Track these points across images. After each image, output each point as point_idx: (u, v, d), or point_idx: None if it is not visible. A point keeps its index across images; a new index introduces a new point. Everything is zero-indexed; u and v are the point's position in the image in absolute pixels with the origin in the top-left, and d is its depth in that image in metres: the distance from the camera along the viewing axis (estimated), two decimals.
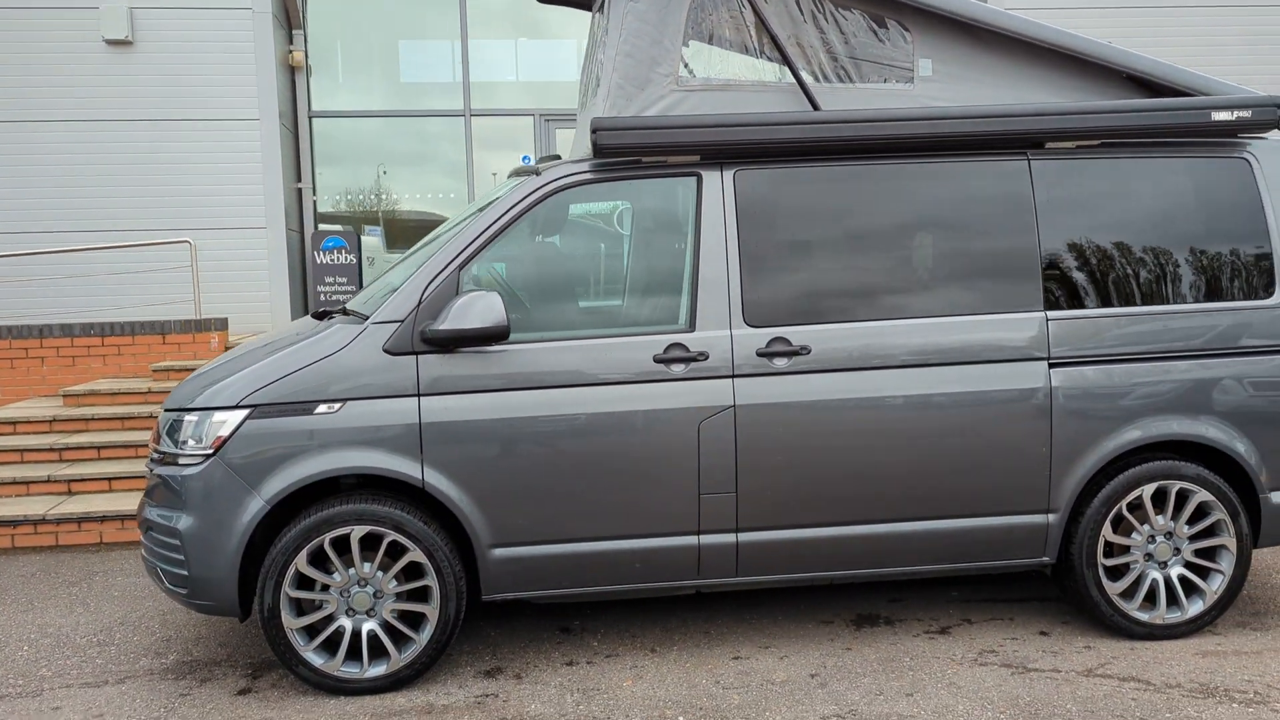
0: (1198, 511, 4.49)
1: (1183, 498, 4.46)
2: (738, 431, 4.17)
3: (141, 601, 5.35)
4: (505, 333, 3.96)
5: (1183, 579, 4.51)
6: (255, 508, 3.97)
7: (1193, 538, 4.50)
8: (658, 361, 4.15)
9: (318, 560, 4.05)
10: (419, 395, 4.04)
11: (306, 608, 4.08)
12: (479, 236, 4.15)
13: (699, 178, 4.28)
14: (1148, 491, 4.41)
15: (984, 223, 4.38)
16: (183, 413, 4.13)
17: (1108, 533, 4.42)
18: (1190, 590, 4.52)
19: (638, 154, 4.18)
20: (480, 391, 4.07)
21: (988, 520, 4.35)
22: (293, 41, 11.55)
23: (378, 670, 4.08)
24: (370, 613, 4.09)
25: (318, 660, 4.05)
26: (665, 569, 4.23)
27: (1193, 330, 4.42)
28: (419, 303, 4.07)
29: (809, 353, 4.22)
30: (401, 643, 4.13)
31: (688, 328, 4.20)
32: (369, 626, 4.09)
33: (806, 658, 4.36)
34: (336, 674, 4.05)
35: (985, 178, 4.40)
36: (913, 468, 4.27)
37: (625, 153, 4.16)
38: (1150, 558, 4.49)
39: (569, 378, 4.12)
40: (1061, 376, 4.33)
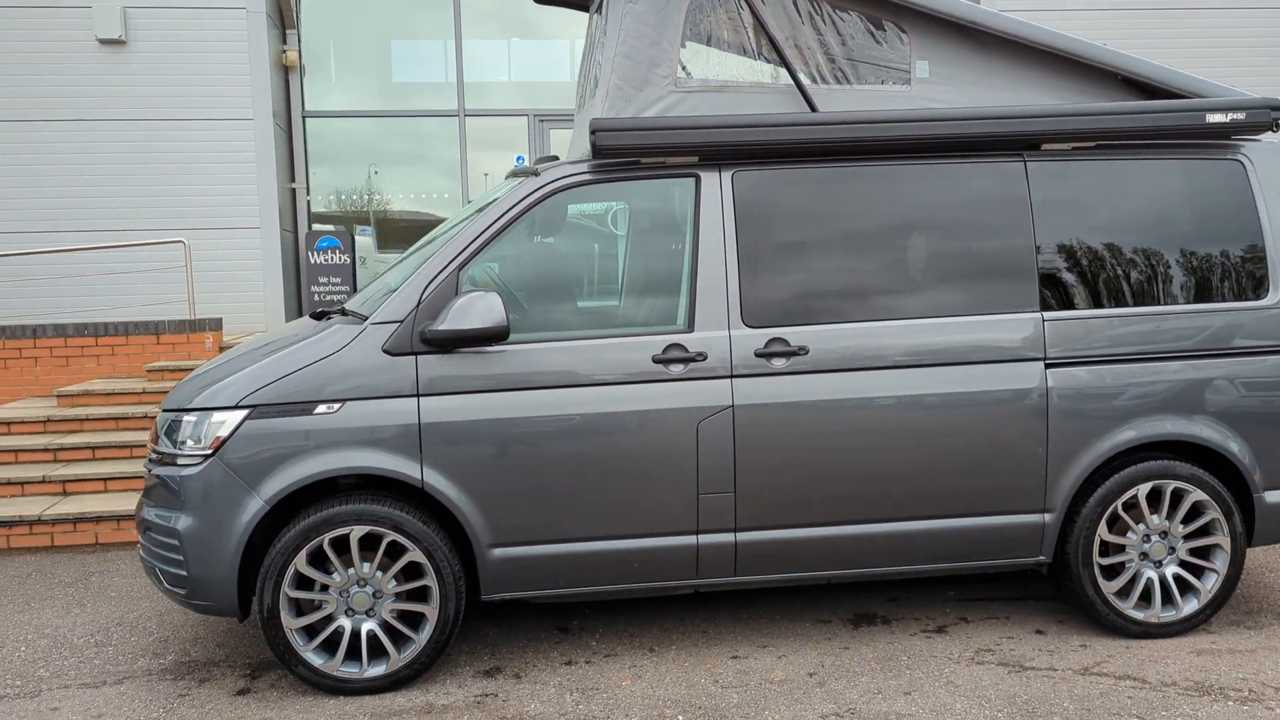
0: (1192, 511, 4.52)
1: (1177, 497, 4.49)
2: (736, 432, 4.18)
3: (138, 602, 5.34)
4: (505, 333, 3.96)
5: (1177, 578, 4.54)
6: (254, 508, 3.97)
7: (1187, 537, 4.53)
8: (656, 362, 4.16)
9: (317, 560, 4.05)
10: (418, 395, 4.05)
11: (306, 608, 4.09)
12: (478, 237, 4.16)
13: (697, 178, 4.29)
14: (1143, 491, 4.44)
15: (980, 224, 4.40)
16: (181, 413, 4.12)
17: (1103, 532, 4.44)
18: (1185, 589, 4.55)
19: (636, 155, 4.19)
20: (480, 392, 4.08)
21: (985, 520, 4.37)
22: (286, 41, 11.54)
23: (377, 670, 4.08)
24: (369, 613, 4.09)
25: (317, 660, 4.05)
26: (664, 568, 4.25)
27: (1187, 331, 4.45)
28: (418, 303, 4.07)
29: (807, 353, 4.23)
30: (401, 643, 4.13)
31: (686, 328, 4.21)
32: (368, 626, 4.09)
33: (804, 657, 4.38)
34: (336, 674, 4.05)
35: (982, 179, 4.43)
36: (910, 468, 4.29)
37: (624, 153, 4.17)
38: (1145, 557, 4.51)
39: (568, 378, 4.12)
40: (1057, 377, 4.36)
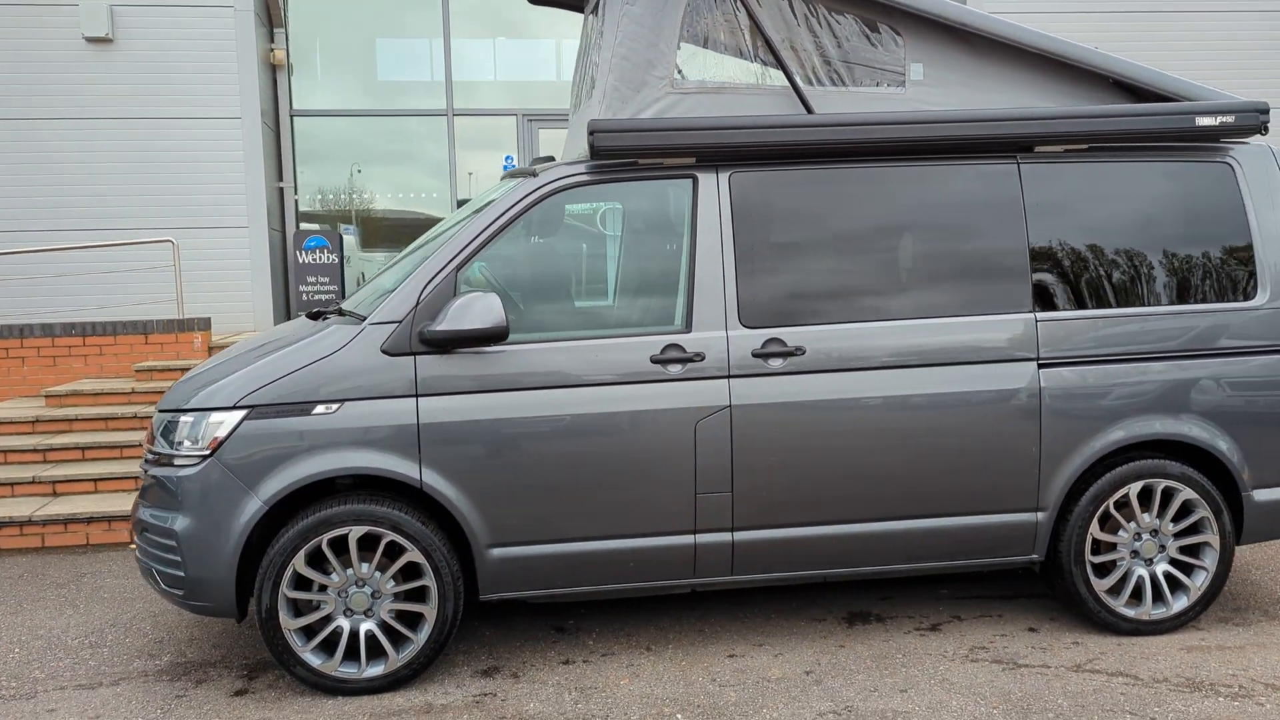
0: (1182, 509, 4.57)
1: (1168, 496, 4.54)
2: (733, 431, 4.21)
3: (132, 603, 5.32)
4: (504, 333, 3.97)
5: (1168, 575, 4.59)
6: (253, 508, 3.97)
7: (1177, 535, 4.58)
8: (654, 362, 4.18)
9: (315, 561, 4.05)
10: (417, 396, 4.05)
11: (304, 608, 4.08)
12: (477, 237, 4.16)
13: (695, 180, 4.31)
14: (1134, 490, 4.49)
15: (974, 225, 4.44)
16: (178, 414, 4.11)
17: (1095, 531, 4.49)
18: (1175, 587, 4.60)
19: (634, 156, 4.21)
20: (478, 392, 4.09)
21: (979, 519, 4.41)
22: (274, 40, 11.48)
23: (376, 670, 4.09)
24: (368, 613, 4.10)
25: (315, 661, 4.05)
26: (662, 568, 4.27)
27: (1177, 331, 4.50)
28: (417, 303, 4.07)
29: (803, 353, 4.26)
30: (399, 643, 4.14)
31: (684, 329, 4.23)
32: (367, 627, 4.09)
33: (801, 655, 4.41)
34: (334, 674, 4.05)
35: (975, 181, 4.46)
36: (905, 467, 4.33)
37: (622, 154, 4.19)
38: (1136, 555, 4.56)
39: (566, 378, 4.14)
40: (1050, 377, 4.40)
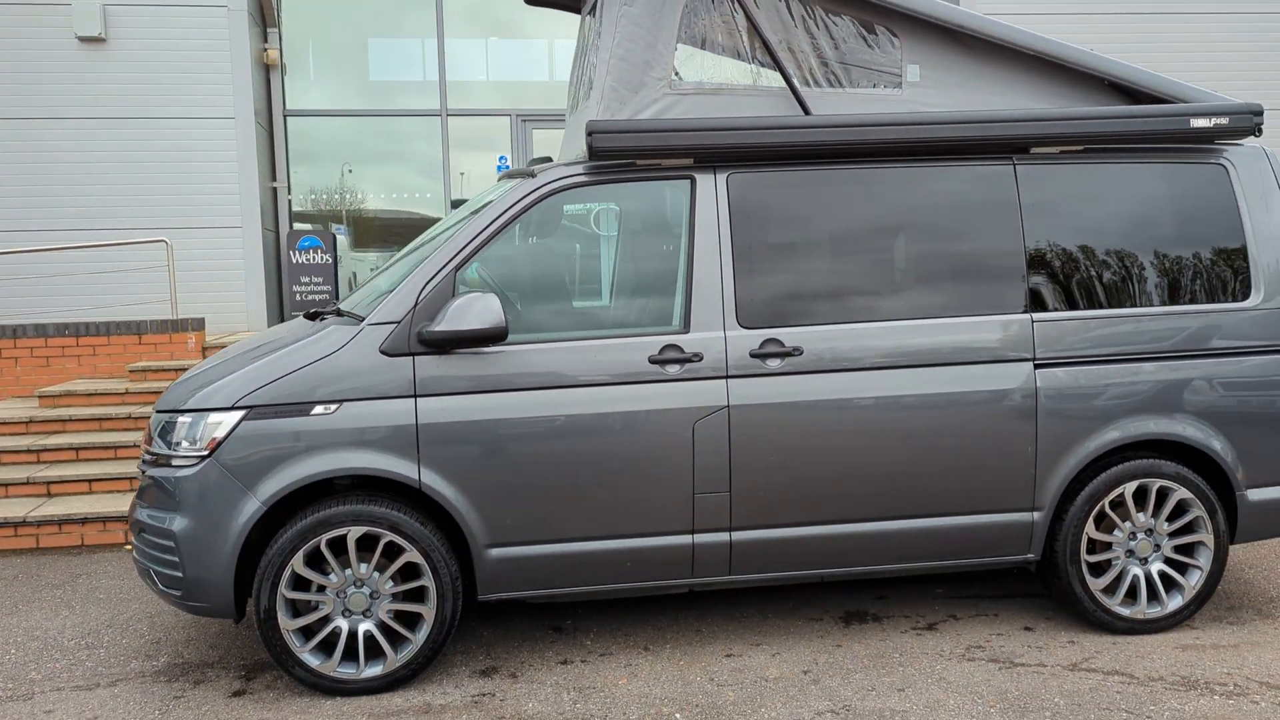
0: (1177, 509, 4.59)
1: (1163, 495, 4.57)
2: (731, 432, 4.22)
3: (128, 604, 5.31)
4: (503, 334, 3.98)
5: (1163, 575, 4.61)
6: (251, 509, 3.97)
7: (1172, 534, 4.60)
8: (653, 362, 4.19)
9: (314, 561, 4.05)
10: (415, 396, 4.06)
11: (302, 609, 4.08)
12: (475, 238, 4.17)
13: (692, 180, 4.32)
14: (1129, 489, 4.52)
15: (971, 226, 4.46)
16: (176, 414, 4.11)
17: (1091, 530, 4.51)
18: (1170, 586, 4.63)
19: (633, 156, 4.22)
20: (477, 392, 4.09)
21: (975, 518, 4.42)
22: (267, 40, 11.46)
23: (374, 670, 4.09)
24: (366, 613, 4.10)
25: (314, 661, 4.05)
26: (661, 568, 4.27)
27: (1171, 332, 4.53)
28: (415, 304, 4.08)
29: (801, 354, 4.28)
30: (398, 643, 4.14)
31: (682, 329, 4.24)
32: (365, 627, 4.09)
33: (798, 654, 4.42)
34: (333, 675, 4.05)
35: (972, 182, 4.48)
36: (903, 467, 4.34)
37: (620, 155, 4.20)
38: (1131, 554, 4.59)
39: (565, 379, 4.14)
40: (1046, 377, 4.42)
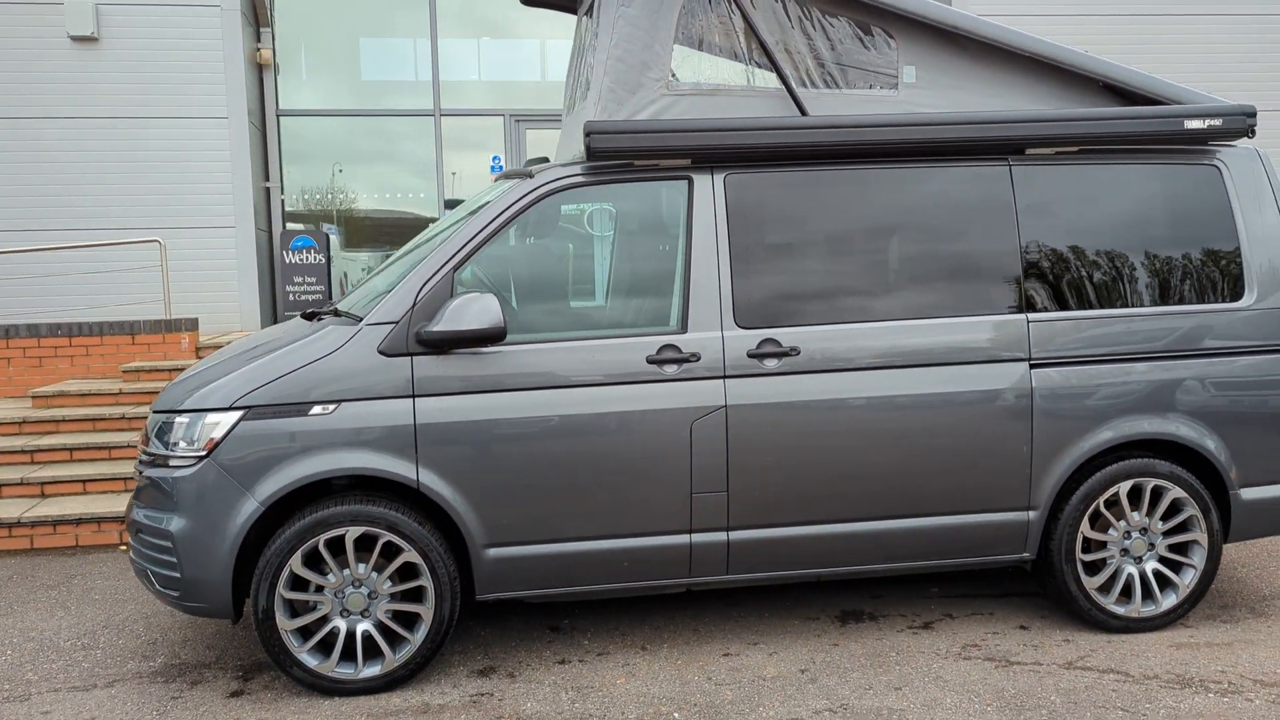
0: (1171, 508, 4.62)
1: (1157, 494, 4.59)
2: (729, 431, 4.23)
3: (124, 604, 5.30)
4: (502, 334, 3.98)
5: (1157, 573, 4.64)
6: (249, 509, 3.96)
7: (1166, 533, 4.63)
8: (650, 362, 4.20)
9: (312, 561, 4.05)
10: (414, 396, 4.06)
11: (300, 609, 4.08)
12: (473, 238, 4.17)
13: (690, 181, 4.33)
14: (1124, 489, 4.54)
15: (967, 226, 4.47)
16: (173, 414, 4.11)
17: (1086, 529, 4.54)
18: (1164, 584, 4.66)
19: (630, 157, 4.23)
20: (475, 392, 4.09)
21: (971, 518, 4.44)
22: (260, 39, 11.43)
23: (372, 670, 4.09)
24: (365, 613, 4.10)
25: (312, 661, 4.05)
26: (658, 567, 4.28)
27: (1165, 332, 4.55)
28: (414, 304, 4.08)
29: (798, 354, 4.29)
30: (396, 643, 4.14)
31: (680, 329, 4.25)
32: (363, 627, 4.10)
33: (795, 653, 4.43)
34: (331, 675, 4.05)
35: (968, 182, 4.50)
36: (899, 467, 4.36)
37: (618, 156, 4.20)
38: (1126, 553, 4.61)
39: (562, 379, 4.15)
40: (1042, 377, 4.44)
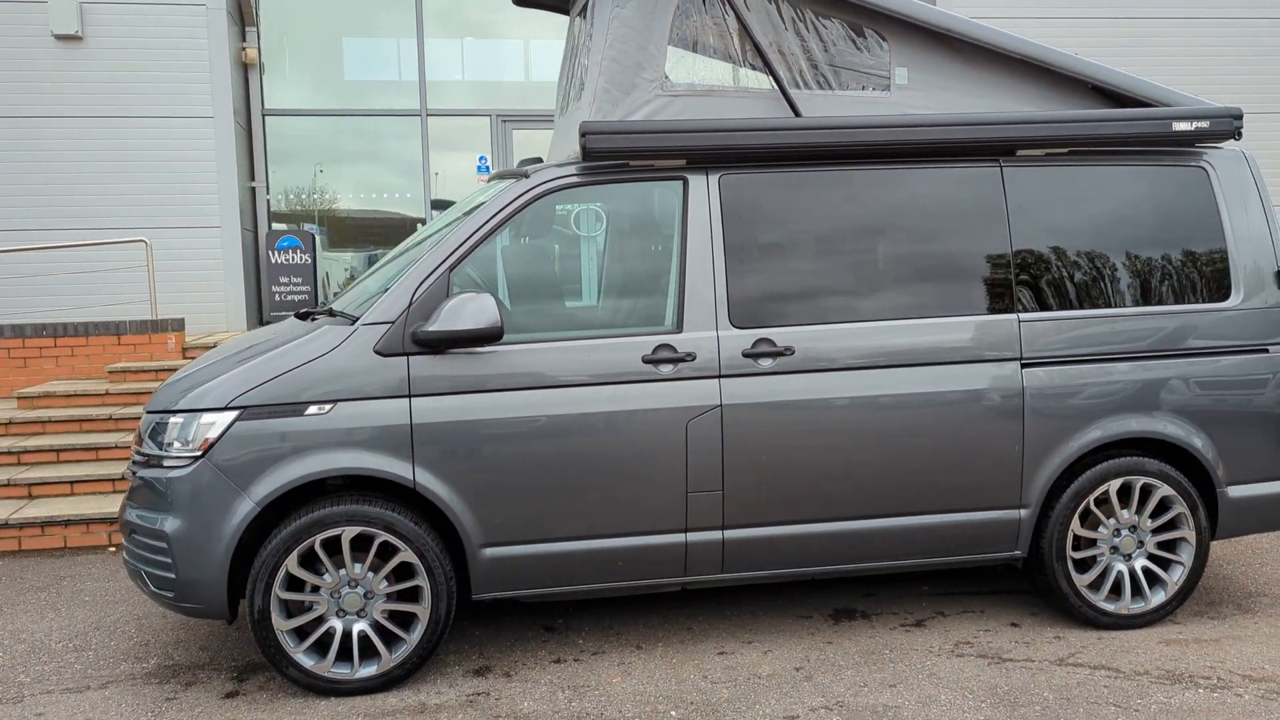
0: (1160, 506, 4.67)
1: (1146, 492, 4.64)
2: (724, 430, 4.25)
3: (114, 606, 5.27)
4: (499, 334, 3.98)
5: (1146, 571, 4.69)
6: (245, 510, 3.95)
7: (1155, 531, 4.68)
8: (646, 362, 4.21)
9: (308, 562, 4.05)
10: (410, 396, 4.06)
11: (296, 609, 4.07)
12: (469, 238, 4.17)
13: (685, 181, 4.35)
14: (1114, 487, 4.59)
15: (959, 227, 4.51)
16: (167, 415, 4.09)
17: (1076, 527, 4.58)
18: (1153, 581, 4.70)
19: (626, 157, 4.24)
20: (471, 392, 4.10)
21: (964, 516, 4.48)
22: (246, 39, 11.38)
23: (369, 670, 4.09)
24: (361, 613, 4.10)
25: (308, 662, 4.04)
26: (654, 566, 4.30)
27: (1154, 331, 4.60)
28: (410, 304, 4.08)
29: (793, 353, 4.31)
30: (392, 643, 4.13)
31: (675, 329, 4.27)
32: (359, 627, 4.09)
33: (790, 652, 4.46)
34: (327, 675, 4.05)
35: (960, 183, 4.54)
36: (893, 465, 4.39)
37: (614, 156, 4.21)
38: (1116, 550, 4.66)
39: (558, 378, 4.16)
40: (1033, 377, 4.48)
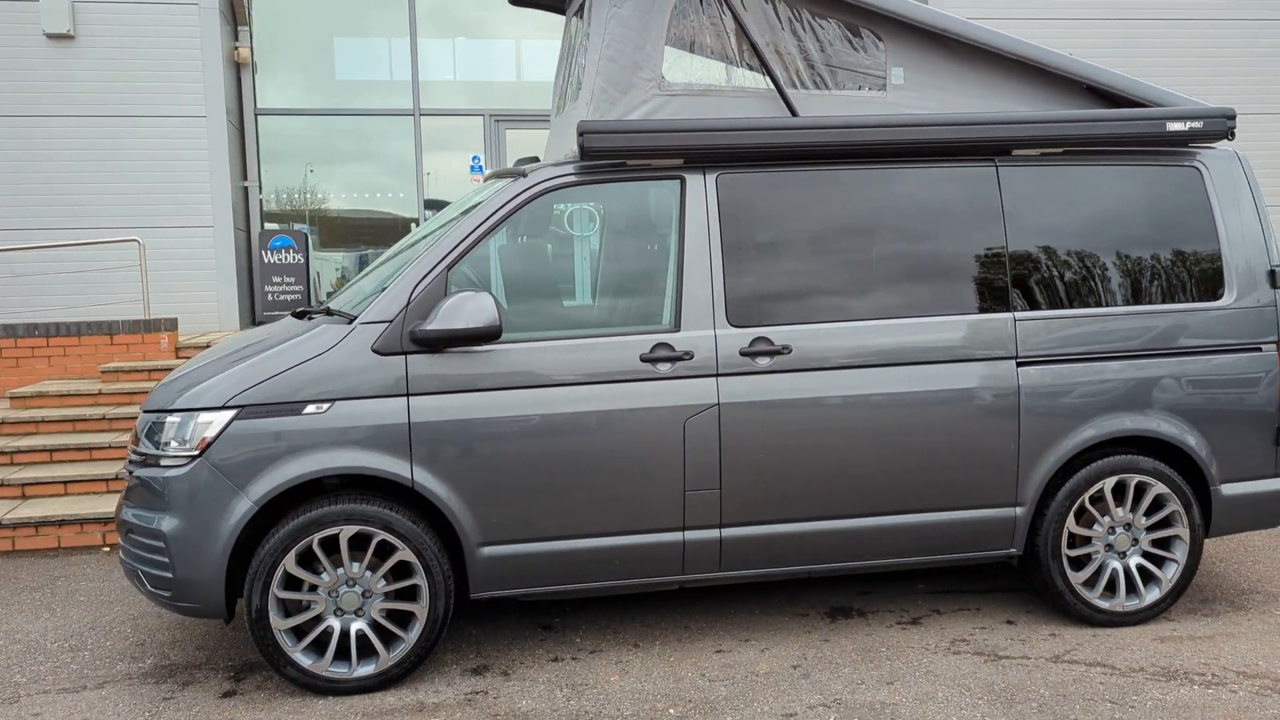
0: (1154, 504, 4.69)
1: (1140, 490, 4.66)
2: (722, 429, 4.26)
3: (110, 606, 5.26)
4: (497, 333, 3.99)
5: (1140, 568, 4.71)
6: (243, 509, 3.95)
7: (1150, 529, 4.70)
8: (644, 361, 4.22)
9: (305, 561, 4.04)
10: (408, 395, 4.06)
11: (294, 608, 4.07)
12: (467, 238, 4.17)
13: (682, 181, 4.36)
14: (1108, 485, 4.61)
15: (954, 226, 4.53)
16: (164, 414, 4.08)
17: (1071, 525, 4.60)
18: (1148, 579, 4.73)
19: (624, 157, 4.25)
20: (469, 391, 4.10)
21: (960, 514, 4.50)
22: (238, 38, 11.36)
23: (367, 669, 4.08)
24: (358, 612, 4.09)
25: (306, 661, 4.04)
26: (652, 564, 4.31)
27: (1147, 330, 4.63)
28: (408, 303, 4.08)
29: (790, 352, 4.32)
30: (390, 642, 4.13)
31: (673, 328, 4.27)
32: (357, 626, 4.09)
33: (787, 649, 4.47)
34: (325, 674, 4.05)
35: (955, 183, 4.56)
36: (889, 464, 4.41)
37: (612, 155, 4.22)
38: (1110, 548, 4.69)
39: (556, 377, 4.16)
40: (1028, 375, 4.50)
